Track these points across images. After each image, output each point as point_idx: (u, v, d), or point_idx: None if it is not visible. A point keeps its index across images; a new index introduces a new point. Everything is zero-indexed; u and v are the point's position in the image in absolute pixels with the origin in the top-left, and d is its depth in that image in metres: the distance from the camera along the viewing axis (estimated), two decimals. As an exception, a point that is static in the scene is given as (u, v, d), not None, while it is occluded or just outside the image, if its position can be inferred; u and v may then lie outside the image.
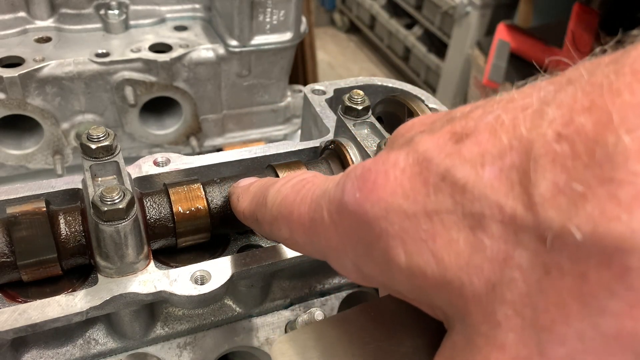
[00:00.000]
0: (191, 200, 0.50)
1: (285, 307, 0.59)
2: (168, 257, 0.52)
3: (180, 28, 1.13)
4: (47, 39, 1.04)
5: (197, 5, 1.16)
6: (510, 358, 0.21)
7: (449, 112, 0.27)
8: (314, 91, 0.71)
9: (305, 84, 1.61)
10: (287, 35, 1.09)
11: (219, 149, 1.20)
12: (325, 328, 0.32)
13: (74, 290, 0.48)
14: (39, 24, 1.06)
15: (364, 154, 0.53)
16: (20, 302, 0.46)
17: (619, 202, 0.18)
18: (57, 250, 0.46)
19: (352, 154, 0.55)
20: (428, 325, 0.26)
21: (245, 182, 0.45)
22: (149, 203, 0.50)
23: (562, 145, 0.20)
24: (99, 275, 0.45)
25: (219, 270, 0.47)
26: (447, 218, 0.23)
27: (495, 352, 0.21)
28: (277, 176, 0.53)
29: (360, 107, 0.56)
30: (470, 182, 0.22)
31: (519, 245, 0.20)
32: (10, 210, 0.46)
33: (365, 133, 0.56)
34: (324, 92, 0.71)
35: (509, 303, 0.21)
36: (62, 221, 0.47)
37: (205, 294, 0.45)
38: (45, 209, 0.46)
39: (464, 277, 0.22)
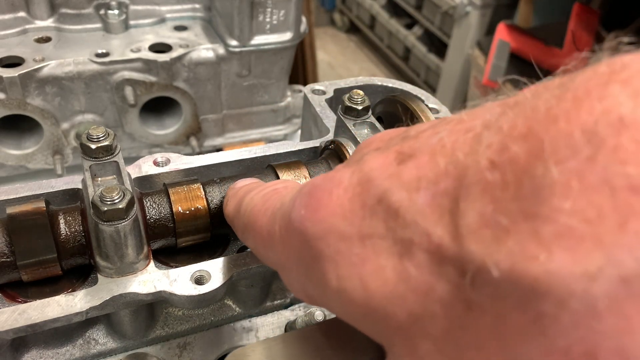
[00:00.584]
0: (191, 200, 0.50)
1: (285, 307, 0.59)
2: (168, 257, 0.52)
3: (180, 28, 1.13)
4: (47, 39, 1.04)
5: (197, 5, 1.16)
6: None
7: (408, 129, 0.26)
8: (314, 91, 0.71)
9: (305, 84, 1.61)
10: (287, 35, 1.09)
11: (219, 149, 1.20)
12: (277, 345, 0.33)
13: (73, 290, 0.48)
14: (39, 24, 1.06)
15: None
16: (20, 302, 0.46)
17: (539, 239, 0.17)
18: (57, 250, 0.46)
19: (352, 154, 0.55)
20: (379, 345, 0.26)
21: (240, 183, 0.45)
22: (148, 203, 0.50)
23: (494, 173, 0.19)
24: (98, 275, 0.45)
25: (219, 270, 0.47)
26: (378, 243, 0.22)
27: None
28: (277, 176, 0.53)
29: (360, 107, 0.56)
30: (404, 207, 0.21)
31: (442, 278, 0.20)
32: (10, 210, 0.46)
33: (365, 133, 0.56)
34: (324, 92, 0.71)
35: (431, 338, 0.20)
36: (62, 221, 0.47)
37: (205, 294, 0.45)
38: (45, 209, 0.46)
39: (388, 306, 0.21)
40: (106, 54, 1.01)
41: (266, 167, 0.56)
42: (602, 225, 0.16)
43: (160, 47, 1.05)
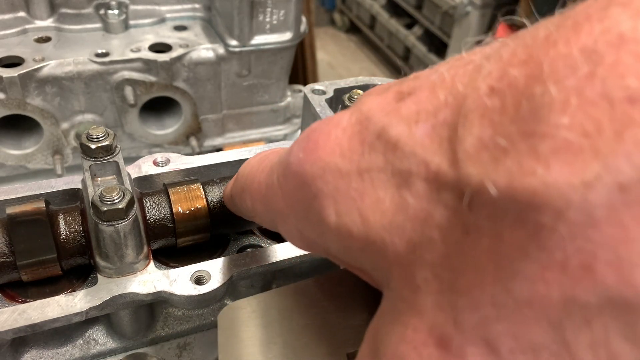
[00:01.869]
0: (191, 200, 0.50)
1: (285, 307, 0.59)
2: (168, 257, 0.52)
3: (180, 28, 1.13)
4: (47, 39, 1.04)
5: (197, 5, 1.16)
6: (427, 324, 0.20)
7: (407, 76, 0.26)
8: (314, 91, 0.71)
9: (305, 84, 1.61)
10: (287, 35, 1.09)
11: (219, 149, 1.20)
12: (275, 298, 0.32)
13: (73, 291, 0.48)
14: (39, 23, 1.06)
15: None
16: (20, 302, 0.46)
17: (537, 155, 0.17)
18: (56, 250, 0.46)
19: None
20: (378, 299, 0.26)
21: None
22: (148, 203, 0.49)
23: (492, 99, 0.19)
24: (98, 276, 0.45)
25: (219, 270, 0.47)
26: (377, 176, 0.22)
27: (414, 318, 0.20)
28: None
29: (360, 107, 0.56)
30: (403, 139, 0.21)
31: (439, 204, 0.20)
32: (10, 210, 0.46)
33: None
34: (324, 92, 0.71)
35: (428, 265, 0.20)
36: (61, 221, 0.47)
37: (205, 294, 0.45)
38: (45, 209, 0.46)
39: (386, 236, 0.21)
40: (106, 54, 1.01)
41: (266, 167, 0.56)
42: (600, 136, 0.16)
43: (160, 47, 1.05)
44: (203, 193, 0.51)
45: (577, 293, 0.16)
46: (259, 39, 1.07)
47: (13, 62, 0.97)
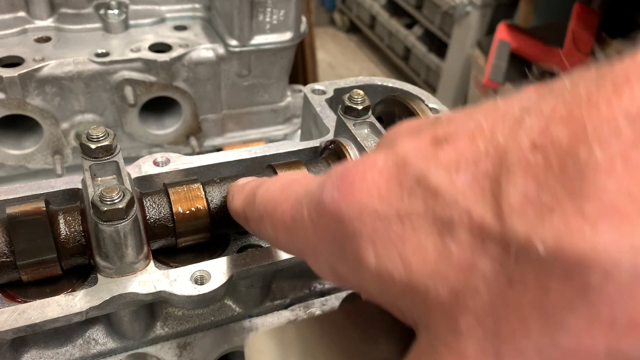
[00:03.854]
0: (191, 200, 0.50)
1: (285, 307, 0.59)
2: (168, 257, 0.52)
3: (180, 28, 1.13)
4: (47, 39, 1.04)
5: (197, 5, 1.16)
6: None
7: (437, 116, 0.27)
8: (314, 91, 0.71)
9: (305, 84, 1.61)
10: (287, 35, 1.09)
11: (219, 149, 1.20)
12: (303, 327, 0.32)
13: (73, 290, 0.48)
14: (39, 23, 1.06)
15: (364, 154, 0.53)
16: (20, 302, 0.46)
17: (584, 216, 0.18)
18: (56, 250, 0.46)
19: (352, 153, 0.55)
20: (405, 330, 0.26)
21: (242, 181, 0.45)
22: (148, 203, 0.49)
23: (535, 155, 0.19)
24: (98, 275, 0.45)
25: (219, 270, 0.47)
26: (417, 222, 0.22)
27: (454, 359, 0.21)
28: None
29: (360, 107, 0.56)
30: (443, 186, 0.22)
31: (484, 254, 0.20)
32: (10, 210, 0.46)
33: (365, 133, 0.56)
34: (324, 92, 0.71)
35: (471, 312, 0.21)
36: (61, 221, 0.47)
37: (205, 294, 0.45)
38: (45, 209, 0.46)
39: (430, 283, 0.22)
40: (106, 54, 1.01)
41: (266, 167, 0.56)
42: None
43: (160, 47, 1.05)
44: (203, 193, 0.51)
45: (623, 347, 0.17)
46: (259, 39, 1.07)
47: (13, 62, 0.97)
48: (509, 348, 0.19)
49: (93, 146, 0.46)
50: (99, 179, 0.47)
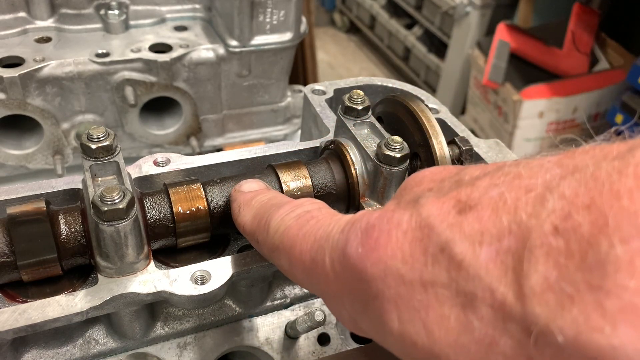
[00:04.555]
0: (191, 201, 0.50)
1: (285, 307, 0.59)
2: (168, 257, 0.52)
3: (180, 28, 1.13)
4: (47, 39, 1.04)
5: (197, 6, 1.16)
6: None
7: (459, 172, 0.28)
8: (314, 91, 0.71)
9: (305, 84, 1.61)
10: (287, 36, 1.09)
11: (219, 149, 1.20)
12: None
13: (74, 290, 0.48)
14: (39, 24, 1.06)
15: (364, 154, 0.53)
16: (20, 302, 0.46)
17: (604, 312, 0.18)
18: (57, 250, 0.46)
19: (352, 154, 0.55)
20: None
21: (245, 186, 0.45)
22: (149, 203, 0.50)
23: (557, 240, 0.20)
24: (99, 275, 0.45)
25: (219, 270, 0.47)
26: (441, 292, 0.23)
27: None
28: (277, 176, 0.53)
29: (360, 107, 0.56)
30: (467, 259, 0.23)
31: (505, 333, 0.21)
32: (11, 210, 0.46)
33: (365, 133, 0.56)
34: (324, 92, 0.71)
35: None
36: (62, 221, 0.47)
37: (205, 294, 0.45)
38: (45, 209, 0.46)
39: (451, 354, 0.23)
40: (106, 54, 1.01)
41: (266, 167, 0.56)
42: None
43: (160, 47, 1.05)
44: (203, 193, 0.51)
45: None
46: (259, 39, 1.07)
47: (13, 62, 0.97)
48: None
49: (93, 146, 0.46)
50: (100, 179, 0.47)
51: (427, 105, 0.60)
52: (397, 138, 0.51)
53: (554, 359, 0.19)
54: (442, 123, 0.68)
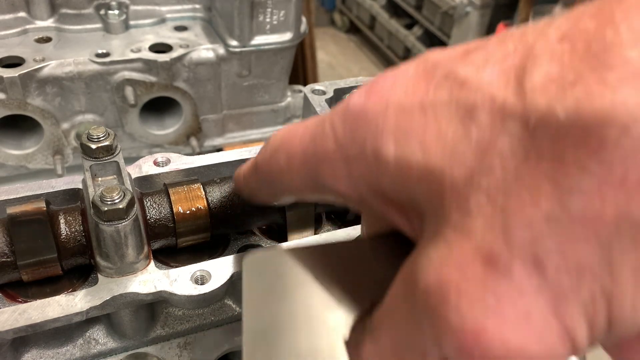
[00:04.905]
0: (191, 200, 0.50)
1: (285, 307, 0.59)
2: (168, 257, 0.52)
3: (180, 28, 1.13)
4: (47, 39, 1.04)
5: (197, 6, 1.16)
6: (475, 244, 0.20)
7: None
8: (314, 91, 0.71)
9: (305, 84, 1.61)
10: (287, 36, 1.09)
11: (219, 149, 1.20)
12: (301, 254, 0.31)
13: (74, 290, 0.48)
14: (39, 24, 1.06)
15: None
16: (20, 302, 0.46)
17: (605, 83, 0.18)
18: (57, 250, 0.46)
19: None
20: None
21: None
22: (149, 203, 0.50)
23: (563, 44, 0.20)
24: (99, 275, 0.45)
25: (219, 270, 0.47)
26: (440, 110, 0.23)
27: (460, 239, 0.21)
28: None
29: (360, 107, 0.56)
30: (470, 78, 0.22)
31: (503, 132, 0.20)
32: (11, 210, 0.46)
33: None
34: (324, 92, 0.71)
35: (483, 191, 0.21)
36: (62, 221, 0.47)
37: (205, 293, 0.45)
38: (45, 209, 0.46)
39: (446, 165, 0.22)
40: (106, 54, 1.01)
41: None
42: None
43: (160, 47, 1.05)
44: (203, 193, 0.51)
45: (632, 209, 0.17)
46: (259, 39, 1.07)
47: (13, 62, 0.97)
48: (517, 219, 0.19)
49: (93, 146, 0.46)
50: (100, 179, 0.47)
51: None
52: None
53: (553, 141, 0.19)
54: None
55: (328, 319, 0.29)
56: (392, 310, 0.25)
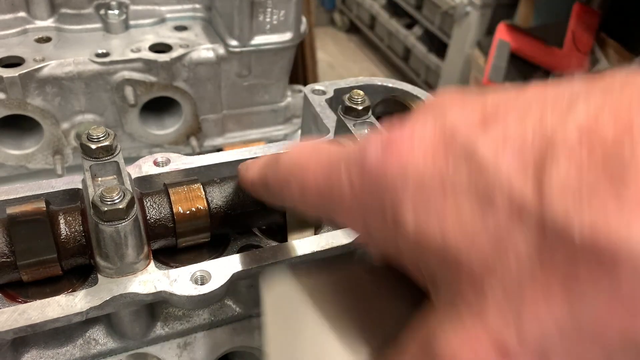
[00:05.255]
0: (191, 201, 0.50)
1: (285, 307, 0.59)
2: (168, 257, 0.52)
3: (180, 28, 1.13)
4: (47, 39, 1.04)
5: (197, 5, 1.16)
6: (489, 330, 0.21)
7: (485, 92, 0.27)
8: (314, 91, 0.71)
9: (305, 84, 1.61)
10: (287, 35, 1.09)
11: (219, 149, 1.20)
12: (322, 279, 0.32)
13: (74, 291, 0.48)
14: (39, 24, 1.06)
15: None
16: (20, 302, 0.46)
17: (622, 210, 0.18)
18: (57, 250, 0.46)
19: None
20: (419, 295, 0.27)
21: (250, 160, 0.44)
22: (149, 203, 0.50)
23: (581, 145, 0.20)
24: (99, 276, 0.45)
25: (219, 270, 0.47)
26: (460, 192, 0.23)
27: (475, 322, 0.22)
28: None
29: (360, 107, 0.56)
30: (489, 161, 0.22)
31: (520, 229, 0.21)
32: (10, 210, 0.46)
33: (365, 133, 0.56)
34: (324, 92, 0.71)
35: (498, 279, 0.21)
36: (62, 221, 0.47)
37: (205, 294, 0.45)
38: (45, 209, 0.46)
39: (463, 250, 0.23)
40: (106, 54, 1.01)
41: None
42: None
43: (160, 47, 1.05)
44: (203, 193, 0.51)
45: (638, 328, 0.19)
46: (259, 39, 1.07)
47: (13, 62, 0.97)
48: (530, 317, 0.20)
49: (93, 146, 0.46)
50: (100, 179, 0.47)
51: (427, 105, 0.59)
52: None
53: (569, 255, 0.20)
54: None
55: None
56: None
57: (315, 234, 0.54)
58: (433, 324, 0.24)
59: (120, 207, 0.42)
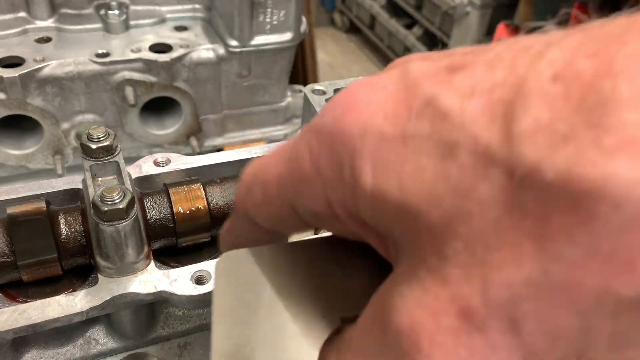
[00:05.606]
0: (191, 200, 0.50)
1: (286, 307, 0.59)
2: (168, 257, 0.52)
3: (181, 28, 1.13)
4: (48, 39, 1.04)
5: (197, 6, 1.16)
6: (451, 293, 0.20)
7: (453, 49, 0.26)
8: (314, 91, 0.71)
9: (305, 84, 1.61)
10: (287, 36, 1.09)
11: (219, 149, 1.20)
12: (278, 252, 0.31)
13: (74, 290, 0.48)
14: (39, 24, 1.06)
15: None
16: (20, 302, 0.46)
17: (600, 147, 0.17)
18: (57, 250, 0.46)
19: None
20: (380, 268, 0.25)
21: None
22: (149, 203, 0.50)
23: (556, 86, 0.19)
24: (99, 275, 0.45)
25: (219, 270, 0.47)
26: (421, 144, 0.22)
27: (437, 286, 0.20)
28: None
29: (360, 107, 0.56)
30: (453, 111, 0.21)
31: (485, 179, 0.19)
32: (11, 210, 0.46)
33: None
34: (324, 92, 0.71)
35: (461, 238, 0.20)
36: (62, 221, 0.47)
37: (206, 294, 0.45)
38: (45, 209, 0.46)
39: (423, 205, 0.21)
40: (106, 54, 1.01)
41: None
42: None
43: (160, 48, 1.05)
44: (203, 193, 0.51)
45: (615, 286, 0.17)
46: (259, 40, 1.07)
47: (14, 62, 0.97)
48: (496, 277, 0.19)
49: (94, 146, 0.46)
50: (100, 179, 0.47)
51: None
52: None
53: (538, 201, 0.18)
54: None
55: (299, 341, 0.28)
56: (361, 340, 0.24)
57: (315, 234, 0.54)
58: (391, 294, 0.22)
59: (121, 207, 0.42)
